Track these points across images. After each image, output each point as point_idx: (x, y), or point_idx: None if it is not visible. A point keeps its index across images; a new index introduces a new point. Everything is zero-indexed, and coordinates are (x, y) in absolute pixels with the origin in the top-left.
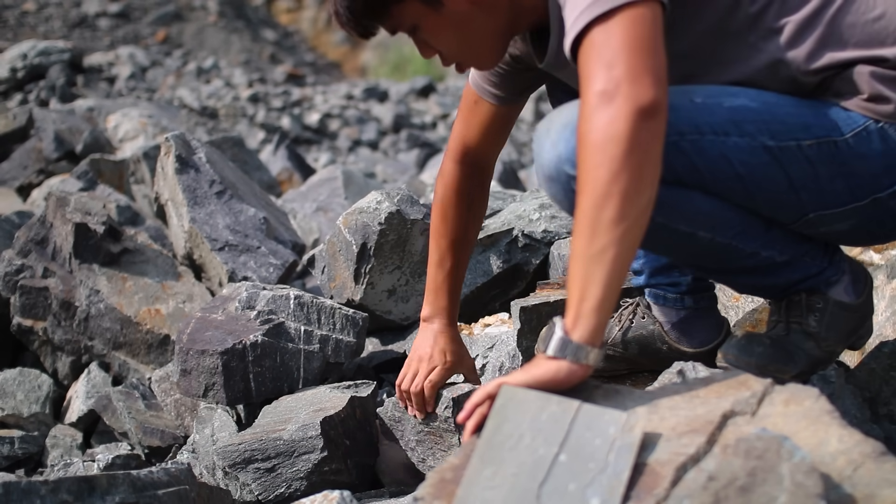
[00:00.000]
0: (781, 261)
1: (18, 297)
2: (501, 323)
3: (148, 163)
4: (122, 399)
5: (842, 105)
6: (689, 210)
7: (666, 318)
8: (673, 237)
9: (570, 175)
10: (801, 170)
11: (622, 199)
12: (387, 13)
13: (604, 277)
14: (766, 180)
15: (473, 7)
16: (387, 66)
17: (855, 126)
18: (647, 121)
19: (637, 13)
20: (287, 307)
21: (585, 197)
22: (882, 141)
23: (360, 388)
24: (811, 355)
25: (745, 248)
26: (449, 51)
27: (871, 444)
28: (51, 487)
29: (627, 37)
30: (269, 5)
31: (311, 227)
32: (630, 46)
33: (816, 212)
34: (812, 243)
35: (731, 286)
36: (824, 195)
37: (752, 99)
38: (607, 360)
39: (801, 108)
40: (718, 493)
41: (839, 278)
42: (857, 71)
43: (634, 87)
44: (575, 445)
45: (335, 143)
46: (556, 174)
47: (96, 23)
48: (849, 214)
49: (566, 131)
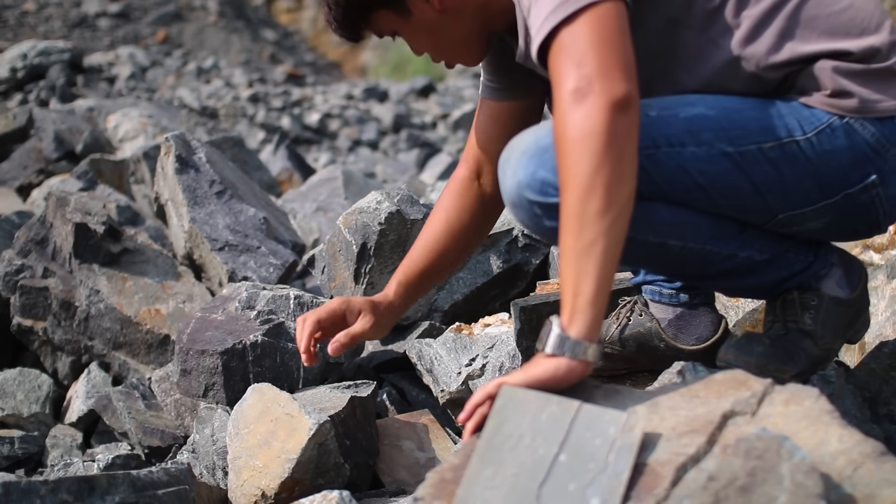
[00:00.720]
0: (762, 259)
1: (18, 297)
2: (501, 323)
3: (148, 163)
4: (122, 399)
5: (804, 103)
6: (654, 221)
7: (662, 315)
8: (643, 249)
9: (531, 201)
10: (764, 173)
11: (606, 190)
12: (364, 23)
13: (595, 271)
14: (729, 187)
15: (441, 16)
16: (387, 66)
17: (818, 124)
18: (622, 114)
19: (601, 11)
20: (287, 307)
21: (569, 193)
22: (847, 136)
23: (360, 388)
24: (810, 354)
25: (720, 250)
26: (430, 52)
27: (871, 444)
28: (51, 487)
29: (594, 35)
30: (269, 5)
31: (311, 227)
32: (598, 44)
33: (785, 212)
34: (794, 240)
35: (719, 290)
36: (791, 195)
37: (709, 107)
38: (606, 359)
39: (761, 111)
40: (718, 493)
41: (828, 271)
42: (819, 66)
43: (606, 82)
44: (575, 445)
45: (335, 143)
46: (519, 200)
47: (96, 23)
48: (821, 212)
49: (524, 158)
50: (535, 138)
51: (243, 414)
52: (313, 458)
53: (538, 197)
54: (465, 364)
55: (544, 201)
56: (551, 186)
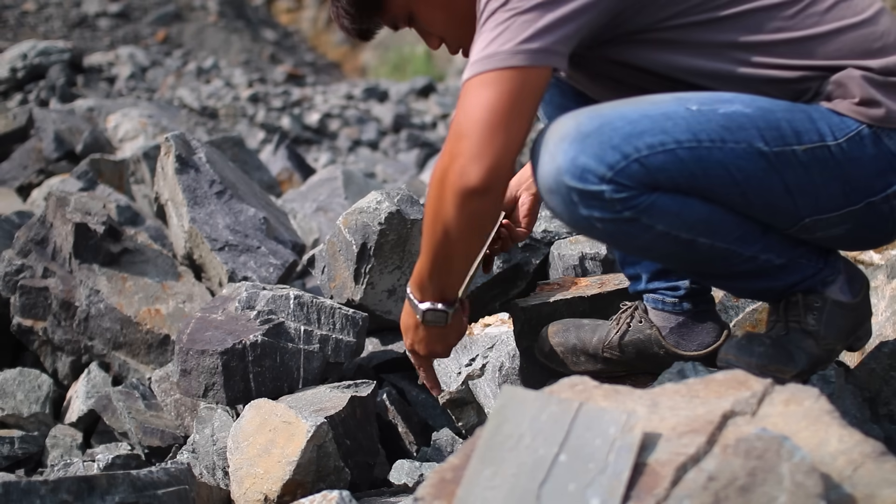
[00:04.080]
0: (779, 264)
1: (18, 297)
2: (501, 323)
3: (148, 163)
4: (122, 399)
5: (834, 109)
6: (690, 217)
7: (664, 323)
8: (674, 245)
9: (569, 187)
10: (797, 175)
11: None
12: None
13: None
14: (763, 186)
15: None
16: (387, 66)
17: (848, 131)
18: (470, 201)
19: (517, 80)
20: (287, 307)
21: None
22: (875, 145)
23: (360, 388)
24: (811, 353)
25: (743, 252)
26: (446, 34)
27: (871, 444)
28: (51, 487)
29: (491, 108)
30: (269, 5)
31: (311, 227)
32: (488, 121)
33: (812, 216)
34: (807, 246)
35: (730, 291)
36: (820, 199)
37: (745, 104)
38: (605, 363)
39: (793, 114)
40: (718, 493)
41: (835, 278)
42: (847, 74)
43: (471, 166)
44: (575, 445)
45: (335, 143)
46: (557, 186)
47: (96, 23)
48: (845, 218)
49: (564, 143)
50: (576, 124)
51: (242, 429)
52: (313, 459)
53: (577, 183)
54: (465, 364)
55: (584, 188)
56: (591, 173)
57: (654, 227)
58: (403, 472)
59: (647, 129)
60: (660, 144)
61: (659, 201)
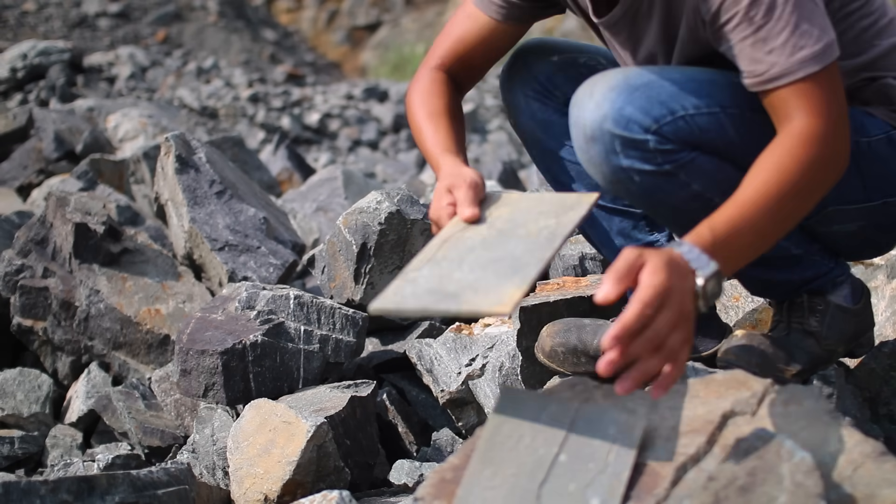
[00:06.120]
0: (796, 254)
1: (18, 297)
2: (501, 323)
3: (148, 163)
4: (122, 399)
5: (867, 111)
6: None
7: None
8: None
9: (613, 133)
10: None
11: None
12: None
13: None
14: None
15: None
16: (387, 66)
17: (879, 132)
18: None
19: (832, 68)
20: (287, 307)
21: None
22: None
23: (360, 388)
24: (812, 353)
25: None
26: None
27: (871, 444)
28: (51, 487)
29: (828, 92)
30: (269, 5)
31: (311, 227)
32: (833, 100)
33: (835, 205)
34: (820, 244)
35: (745, 281)
36: (843, 189)
37: None
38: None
39: None
40: (718, 493)
41: (844, 279)
42: (885, 83)
43: (833, 134)
44: (575, 445)
45: (335, 143)
46: (599, 133)
47: (96, 23)
48: (862, 213)
49: (612, 92)
50: (625, 77)
51: (242, 429)
52: (313, 459)
53: (622, 131)
54: (465, 364)
55: (628, 135)
56: (637, 123)
57: (691, 185)
58: (403, 472)
59: (693, 91)
60: (705, 106)
61: (699, 160)
